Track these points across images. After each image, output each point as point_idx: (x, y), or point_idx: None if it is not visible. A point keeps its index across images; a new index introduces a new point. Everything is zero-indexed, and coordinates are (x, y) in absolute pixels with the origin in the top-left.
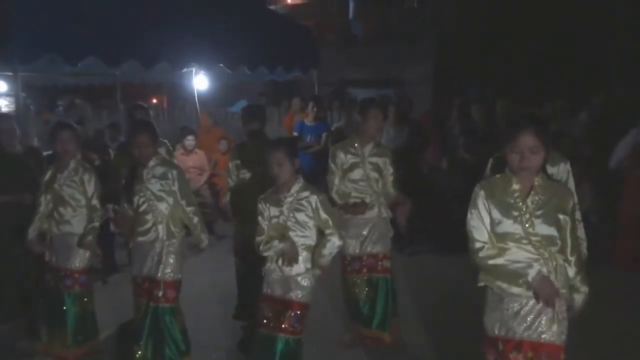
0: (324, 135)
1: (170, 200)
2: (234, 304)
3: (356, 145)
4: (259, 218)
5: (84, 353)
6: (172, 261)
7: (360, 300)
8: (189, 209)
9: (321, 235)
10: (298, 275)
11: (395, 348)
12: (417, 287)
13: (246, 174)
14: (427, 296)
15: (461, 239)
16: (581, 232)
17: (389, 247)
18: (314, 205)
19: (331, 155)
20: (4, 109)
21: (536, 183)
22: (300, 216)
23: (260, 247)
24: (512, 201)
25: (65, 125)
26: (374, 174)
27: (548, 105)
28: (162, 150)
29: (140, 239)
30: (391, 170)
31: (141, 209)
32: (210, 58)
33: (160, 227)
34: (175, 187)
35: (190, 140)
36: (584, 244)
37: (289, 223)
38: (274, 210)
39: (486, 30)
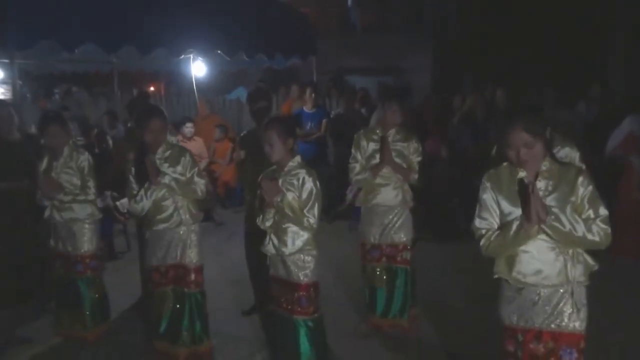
0: (324, 121)
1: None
2: (233, 289)
3: (378, 132)
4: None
5: (101, 333)
6: (197, 245)
7: (378, 288)
8: (197, 179)
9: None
10: (292, 255)
11: (407, 338)
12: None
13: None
14: (428, 285)
15: (459, 227)
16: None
17: (410, 237)
18: (300, 181)
19: (355, 141)
20: (1, 97)
21: (543, 168)
22: (289, 194)
23: (259, 222)
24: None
25: (51, 118)
26: (399, 161)
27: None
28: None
29: (161, 226)
30: (417, 153)
31: (158, 196)
32: (208, 44)
33: (181, 211)
34: (187, 169)
35: (189, 128)
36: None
37: (279, 199)
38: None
39: (485, 18)
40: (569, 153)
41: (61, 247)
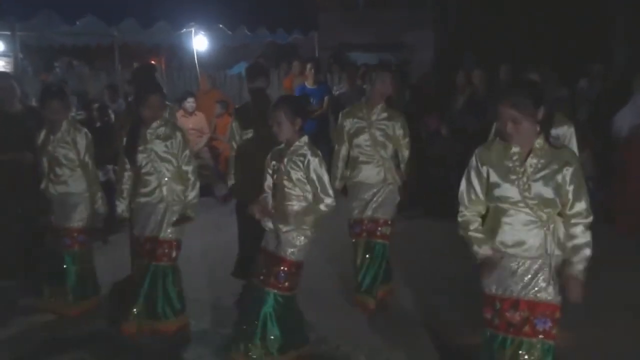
0: (325, 98)
1: (174, 161)
2: (233, 264)
3: (364, 110)
4: (266, 171)
5: (84, 310)
6: (174, 219)
7: (359, 264)
8: (186, 168)
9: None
10: (288, 232)
11: (391, 311)
12: (411, 251)
13: (249, 134)
14: (421, 260)
15: (456, 205)
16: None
17: (391, 214)
18: (305, 163)
19: (338, 122)
20: (2, 70)
21: (536, 146)
22: (295, 173)
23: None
24: (510, 165)
25: (54, 93)
26: (381, 139)
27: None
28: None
29: (143, 199)
30: (403, 133)
31: (144, 169)
32: (209, 18)
33: (164, 188)
34: (179, 149)
35: (190, 103)
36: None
37: (284, 178)
38: (275, 165)
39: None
40: (565, 131)
41: (54, 220)
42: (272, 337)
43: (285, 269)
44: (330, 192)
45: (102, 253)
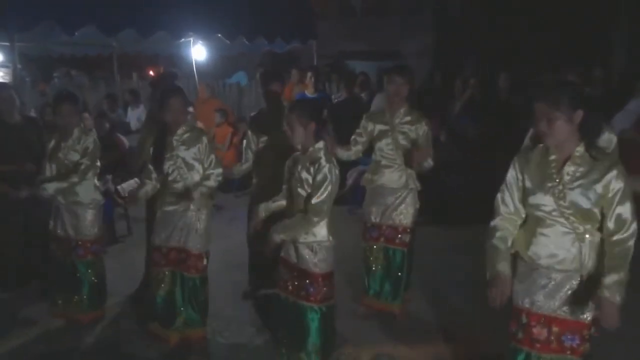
0: (325, 111)
1: (201, 167)
2: (234, 273)
3: (387, 115)
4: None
5: (97, 316)
6: (204, 232)
7: (373, 269)
8: (212, 171)
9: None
10: (305, 243)
11: (403, 320)
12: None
13: (264, 142)
14: (425, 268)
15: (456, 211)
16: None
17: (411, 220)
18: (316, 167)
19: (361, 124)
20: (0, 80)
21: (576, 153)
22: (308, 180)
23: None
24: (548, 171)
25: (65, 97)
26: (404, 143)
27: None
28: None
29: (170, 207)
30: (425, 137)
31: (171, 177)
32: (208, 28)
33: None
34: (204, 154)
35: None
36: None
37: (298, 185)
38: (292, 169)
39: (486, 1)
40: (608, 137)
41: (60, 229)
42: (312, 349)
43: (311, 282)
44: (323, 199)
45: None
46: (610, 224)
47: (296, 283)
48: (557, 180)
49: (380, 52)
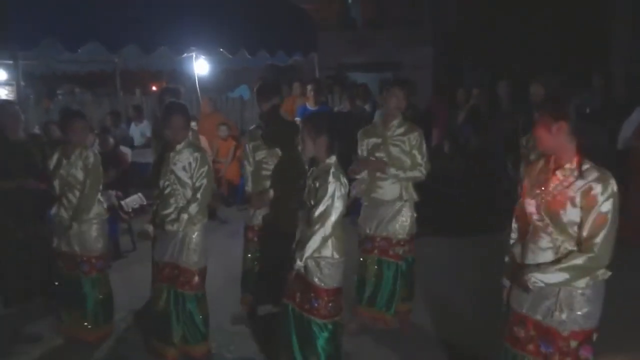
0: None
1: (191, 183)
2: (236, 288)
3: (380, 127)
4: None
5: (104, 335)
6: (197, 248)
7: (367, 279)
8: (199, 183)
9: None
10: (312, 257)
11: (401, 333)
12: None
13: (262, 155)
14: (427, 279)
15: (461, 222)
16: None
17: (406, 232)
18: (320, 183)
19: (358, 140)
20: (4, 98)
21: (566, 165)
22: (314, 194)
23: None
24: (541, 178)
25: (76, 114)
26: (397, 155)
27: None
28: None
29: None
30: (417, 146)
31: (166, 191)
32: (210, 42)
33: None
34: (196, 168)
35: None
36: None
37: (310, 198)
38: (308, 181)
39: (486, 12)
40: None
41: (65, 246)
42: None
43: (316, 296)
44: (320, 211)
45: None
46: (583, 233)
47: (303, 295)
48: (543, 188)
49: (381, 64)
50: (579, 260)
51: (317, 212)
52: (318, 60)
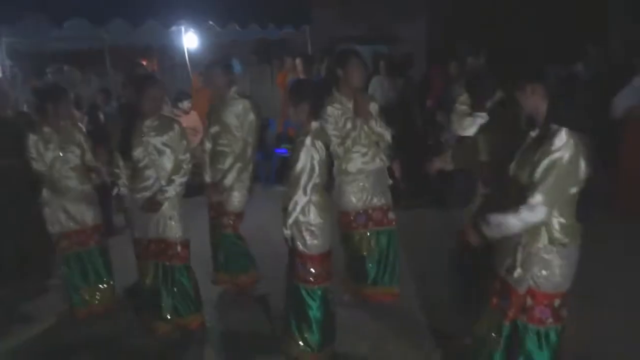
0: None
1: (173, 153)
2: None
3: (342, 101)
4: None
5: (110, 307)
6: (180, 220)
7: (367, 256)
8: (182, 157)
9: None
10: (295, 223)
11: (391, 304)
12: (410, 241)
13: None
14: (419, 250)
15: (451, 193)
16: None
17: (390, 198)
18: (300, 145)
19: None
20: None
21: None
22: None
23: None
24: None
25: (62, 90)
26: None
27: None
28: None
29: (141, 194)
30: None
31: (142, 163)
32: (199, 15)
33: (163, 182)
34: (176, 140)
35: (187, 104)
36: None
37: (293, 165)
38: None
39: None
40: None
41: (64, 221)
42: (306, 333)
43: (302, 261)
44: (301, 183)
45: None
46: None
47: (290, 262)
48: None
49: (375, 36)
50: (523, 209)
51: (293, 177)
52: (311, 33)
